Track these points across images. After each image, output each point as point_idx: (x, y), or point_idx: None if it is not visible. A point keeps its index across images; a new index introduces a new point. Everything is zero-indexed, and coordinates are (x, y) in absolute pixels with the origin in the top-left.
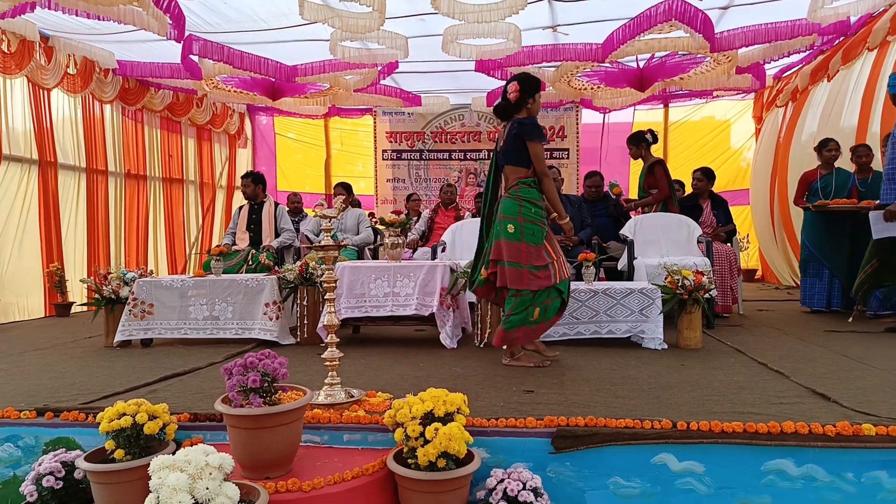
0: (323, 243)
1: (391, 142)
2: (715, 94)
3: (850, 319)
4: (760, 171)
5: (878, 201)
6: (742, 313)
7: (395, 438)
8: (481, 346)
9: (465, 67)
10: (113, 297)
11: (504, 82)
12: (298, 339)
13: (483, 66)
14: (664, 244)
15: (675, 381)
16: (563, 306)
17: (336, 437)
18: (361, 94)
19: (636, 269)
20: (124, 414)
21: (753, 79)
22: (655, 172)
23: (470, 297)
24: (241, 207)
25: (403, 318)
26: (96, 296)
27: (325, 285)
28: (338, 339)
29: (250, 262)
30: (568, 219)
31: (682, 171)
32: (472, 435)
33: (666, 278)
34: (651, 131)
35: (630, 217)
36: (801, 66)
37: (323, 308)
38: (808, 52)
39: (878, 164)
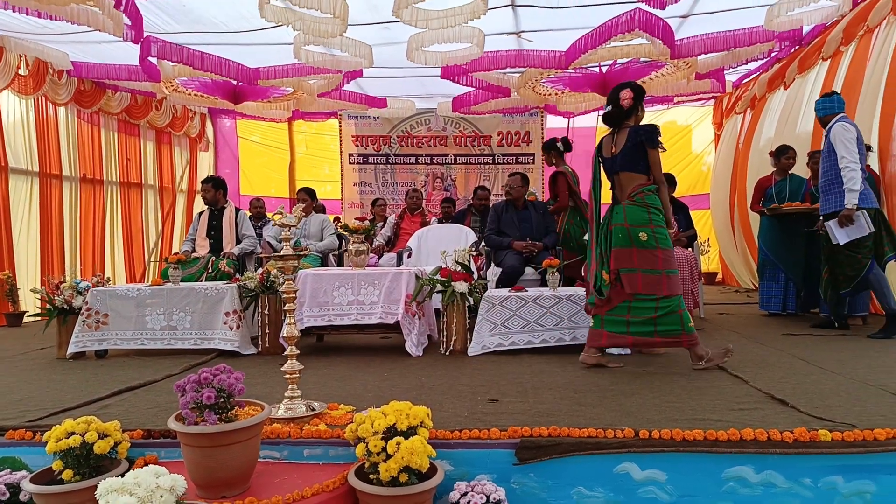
0: (282, 253)
1: (357, 145)
2: (676, 100)
3: (811, 324)
4: (720, 176)
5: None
6: (703, 317)
7: (356, 454)
8: (447, 353)
9: (430, 73)
10: (65, 307)
11: (467, 87)
12: (260, 349)
13: (448, 73)
14: None
15: (638, 388)
16: None
17: (296, 453)
18: (326, 98)
19: None
20: (73, 433)
21: (714, 82)
22: (557, 182)
23: (436, 303)
24: (200, 213)
25: (368, 327)
26: (48, 306)
27: (284, 296)
28: (298, 351)
29: (210, 270)
30: (676, 227)
31: None
32: (436, 447)
33: None
34: (564, 139)
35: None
36: (758, 73)
37: (284, 317)
38: (765, 60)
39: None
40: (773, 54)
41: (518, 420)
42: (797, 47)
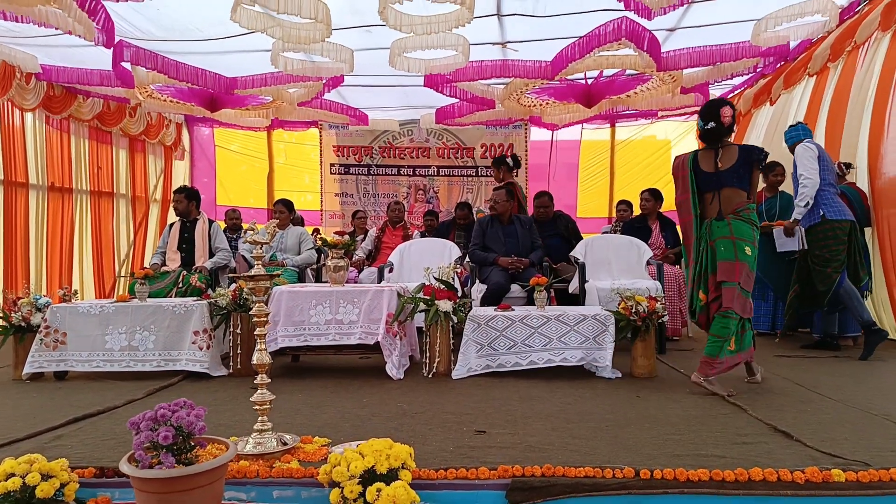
0: (253, 273)
1: (338, 156)
2: (660, 114)
3: (776, 340)
4: None
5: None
6: (691, 336)
7: (330, 501)
8: (430, 375)
9: (413, 82)
10: (23, 324)
11: (450, 97)
12: (231, 371)
13: (432, 81)
14: (615, 266)
15: (633, 417)
16: None
17: (265, 494)
18: (306, 108)
19: (588, 292)
20: (13, 475)
21: (699, 96)
22: (515, 193)
23: (418, 322)
24: (171, 225)
25: (347, 347)
26: (3, 324)
27: (255, 319)
28: (268, 380)
29: (181, 285)
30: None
31: (627, 191)
32: (419, 488)
33: (619, 304)
34: (513, 156)
35: (581, 238)
36: (743, 89)
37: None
38: (750, 76)
39: None
40: (758, 69)
41: (508, 455)
42: (782, 63)
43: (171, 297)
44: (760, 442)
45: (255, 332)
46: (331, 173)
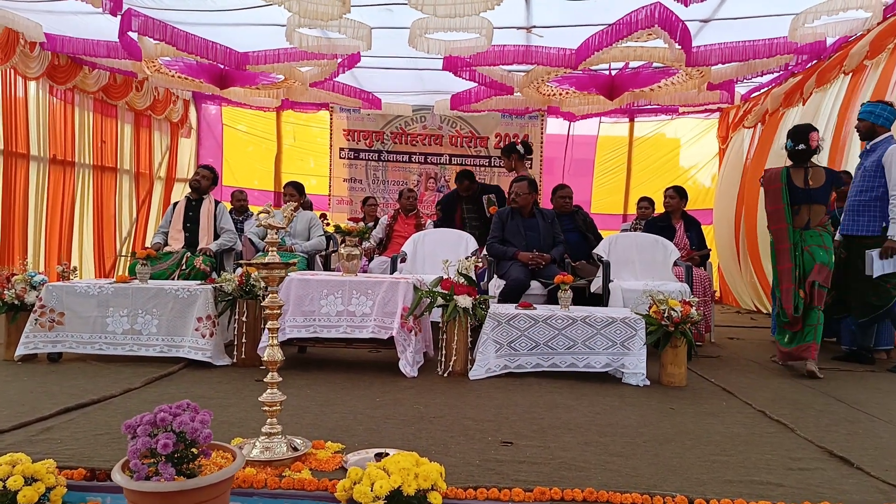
0: (267, 260)
1: (349, 140)
2: (681, 110)
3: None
4: (726, 192)
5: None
6: (714, 341)
7: None
8: (445, 374)
9: (429, 66)
10: (16, 302)
11: (468, 81)
12: (235, 360)
13: (451, 65)
14: (638, 266)
15: (671, 432)
16: None
17: None
18: (318, 89)
19: (612, 293)
20: None
21: (724, 93)
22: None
23: (433, 316)
24: (175, 204)
25: (358, 341)
26: None
27: (267, 311)
28: (279, 379)
29: (184, 267)
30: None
31: (645, 187)
32: None
33: (650, 307)
34: (524, 142)
35: (598, 234)
36: (770, 87)
37: (263, 325)
38: (778, 74)
39: None
40: (789, 67)
41: (540, 473)
42: (815, 62)
43: (173, 279)
44: (817, 468)
45: (266, 326)
46: (340, 157)
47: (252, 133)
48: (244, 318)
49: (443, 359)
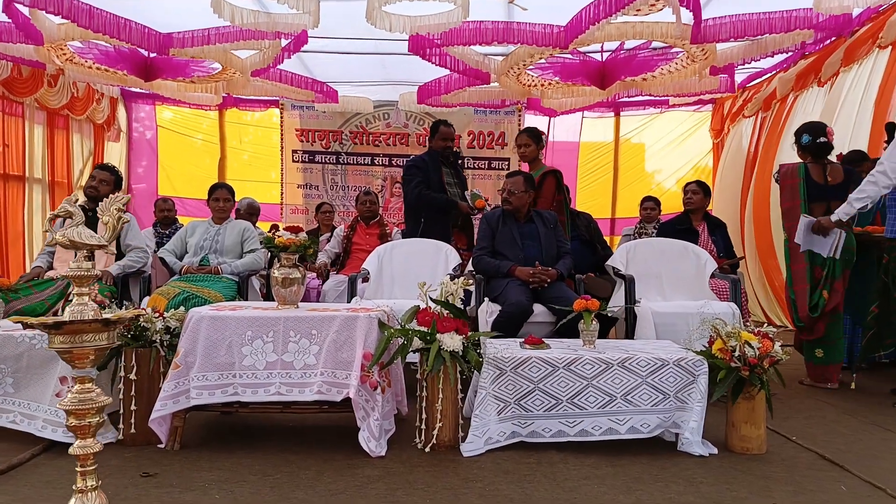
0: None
1: (302, 141)
2: (671, 102)
3: (853, 385)
4: (727, 189)
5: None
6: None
7: None
8: (426, 449)
9: (393, 49)
10: None
11: (439, 67)
12: (122, 436)
13: (418, 45)
14: (665, 280)
15: None
16: None
17: None
18: (263, 80)
19: (639, 317)
20: None
21: (724, 77)
22: (545, 183)
23: (412, 357)
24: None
25: (299, 404)
26: None
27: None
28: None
29: (70, 299)
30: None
31: (633, 187)
32: None
33: (712, 342)
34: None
35: (604, 242)
36: (775, 72)
37: (162, 383)
38: (786, 56)
39: None
40: (798, 48)
41: None
42: (833, 39)
43: (56, 314)
44: None
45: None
46: (293, 161)
47: (191, 135)
48: (133, 376)
49: (423, 426)
